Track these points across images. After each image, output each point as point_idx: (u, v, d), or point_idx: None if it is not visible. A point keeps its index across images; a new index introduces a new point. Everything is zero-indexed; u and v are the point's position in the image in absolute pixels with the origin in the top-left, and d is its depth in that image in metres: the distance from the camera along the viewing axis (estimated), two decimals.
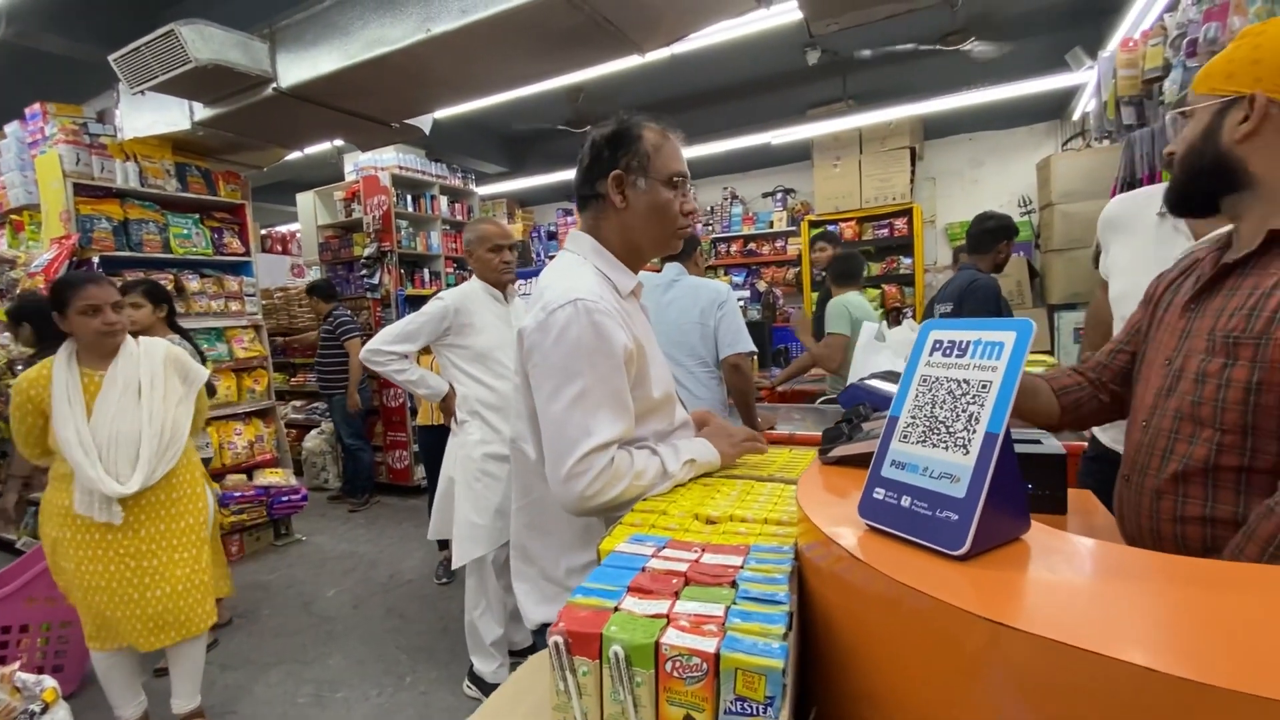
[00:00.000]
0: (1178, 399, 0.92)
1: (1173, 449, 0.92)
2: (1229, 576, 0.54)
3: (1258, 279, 0.86)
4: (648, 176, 1.21)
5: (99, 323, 1.96)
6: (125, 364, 2.03)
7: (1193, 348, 0.92)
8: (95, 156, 3.67)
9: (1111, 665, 0.42)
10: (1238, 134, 0.88)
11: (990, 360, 0.60)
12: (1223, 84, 0.90)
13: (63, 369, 1.94)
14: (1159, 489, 0.94)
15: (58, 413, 1.89)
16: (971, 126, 6.20)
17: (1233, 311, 0.87)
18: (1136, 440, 1.01)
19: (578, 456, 1.06)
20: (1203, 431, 0.88)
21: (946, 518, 0.57)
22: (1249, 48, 0.88)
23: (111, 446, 1.93)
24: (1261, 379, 0.82)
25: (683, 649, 0.55)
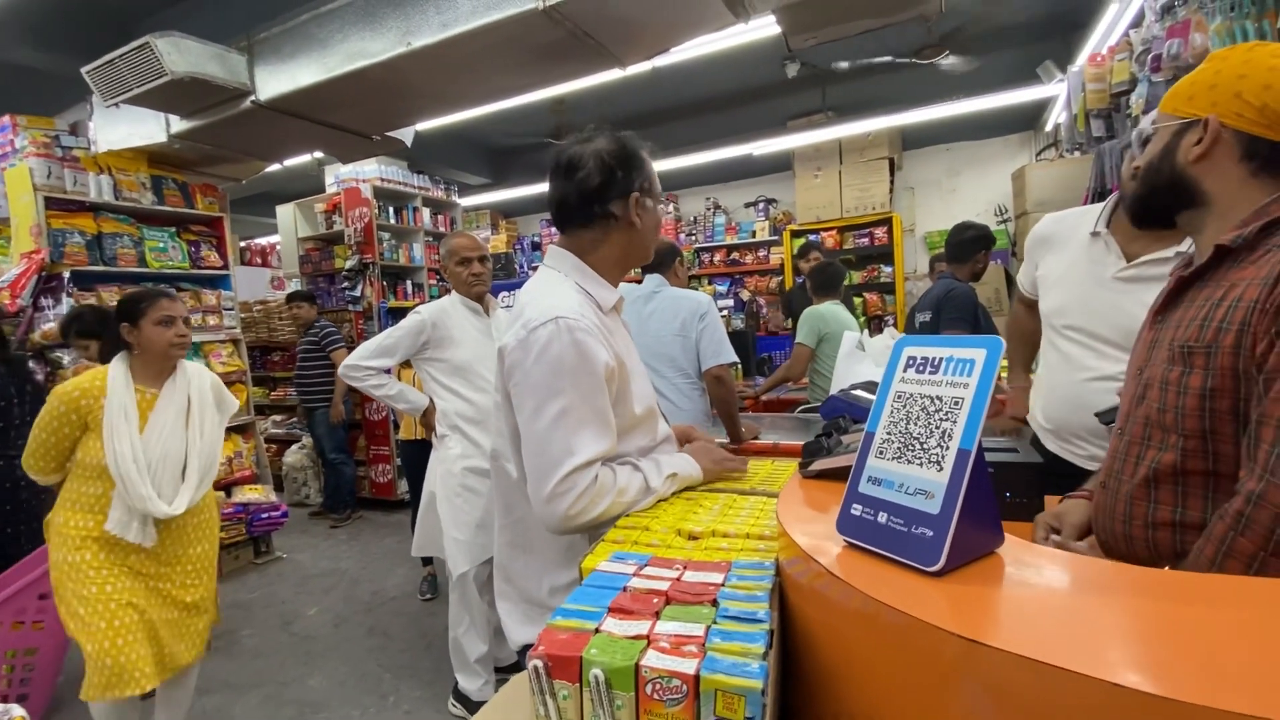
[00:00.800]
0: (1146, 406, 0.95)
1: (1143, 455, 0.95)
2: (1196, 589, 0.55)
3: (1210, 290, 0.90)
4: (653, 197, 1.24)
5: (173, 334, 1.94)
6: (180, 384, 2.00)
7: (1158, 357, 0.95)
8: (68, 169, 3.61)
9: (1082, 682, 0.42)
10: (1191, 155, 0.91)
11: (962, 377, 0.61)
12: (1184, 106, 0.93)
13: (120, 381, 1.88)
14: (1132, 494, 0.96)
15: (113, 426, 1.82)
16: (948, 137, 6.32)
17: (1189, 322, 0.91)
18: (1113, 447, 1.04)
19: (561, 476, 1.05)
20: (1169, 438, 0.91)
21: (922, 534, 0.58)
22: (1210, 72, 0.91)
23: (161, 465, 1.89)
24: (1214, 386, 0.85)
25: (663, 671, 0.55)
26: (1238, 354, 0.83)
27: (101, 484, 1.85)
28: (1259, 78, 0.88)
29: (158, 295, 1.96)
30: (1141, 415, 0.96)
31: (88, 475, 1.87)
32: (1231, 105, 0.89)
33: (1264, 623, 0.50)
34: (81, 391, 1.85)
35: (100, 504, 1.87)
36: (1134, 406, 0.99)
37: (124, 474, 1.81)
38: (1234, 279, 0.86)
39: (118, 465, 1.81)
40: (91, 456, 1.85)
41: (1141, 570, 0.57)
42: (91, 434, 1.85)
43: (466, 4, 2.56)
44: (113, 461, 1.81)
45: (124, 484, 1.81)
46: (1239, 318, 0.83)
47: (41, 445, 1.88)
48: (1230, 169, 0.90)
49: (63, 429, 1.86)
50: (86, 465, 1.86)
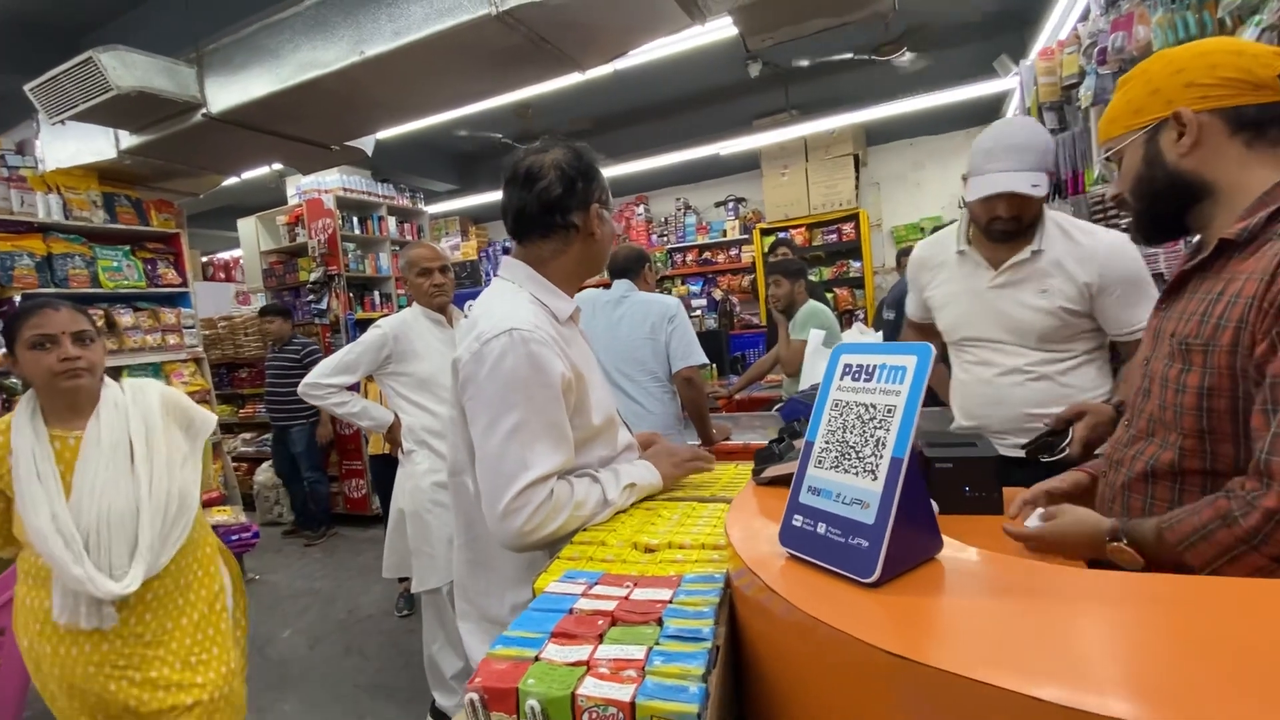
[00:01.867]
0: (1150, 401, 0.94)
1: (1144, 450, 0.94)
2: (1129, 590, 0.55)
3: (1211, 283, 0.88)
4: (608, 208, 1.25)
5: (53, 359, 1.44)
6: (110, 417, 1.52)
7: (1160, 350, 0.94)
8: (14, 190, 3.49)
9: (1006, 697, 0.42)
10: (1181, 149, 0.89)
11: (895, 384, 0.60)
12: (1134, 119, 0.93)
13: (25, 432, 1.43)
14: (1129, 485, 0.96)
15: (25, 494, 1.40)
16: (911, 132, 6.41)
17: (1189, 315, 0.89)
18: (1117, 437, 1.04)
19: (515, 491, 1.03)
20: (1169, 436, 0.89)
21: (858, 545, 0.58)
22: (1141, 84, 0.92)
23: (102, 530, 1.43)
24: (1211, 384, 0.83)
25: (599, 699, 0.54)
26: (1235, 352, 0.80)
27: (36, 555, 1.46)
28: (1199, 64, 0.88)
29: (30, 310, 1.49)
30: (1146, 410, 0.95)
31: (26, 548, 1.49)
32: (1188, 95, 0.88)
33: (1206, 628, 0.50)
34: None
35: (49, 581, 1.46)
36: (1140, 399, 0.98)
37: (50, 554, 1.39)
38: (1234, 271, 0.84)
39: (40, 542, 1.39)
40: (16, 528, 1.46)
41: (1078, 571, 0.57)
42: (8, 502, 1.45)
43: (419, 11, 2.52)
44: (34, 539, 1.40)
45: (54, 566, 1.40)
46: (1237, 314, 0.80)
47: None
48: (1226, 149, 0.88)
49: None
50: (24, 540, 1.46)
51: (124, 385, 1.62)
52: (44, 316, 1.46)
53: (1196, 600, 0.55)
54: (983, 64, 4.77)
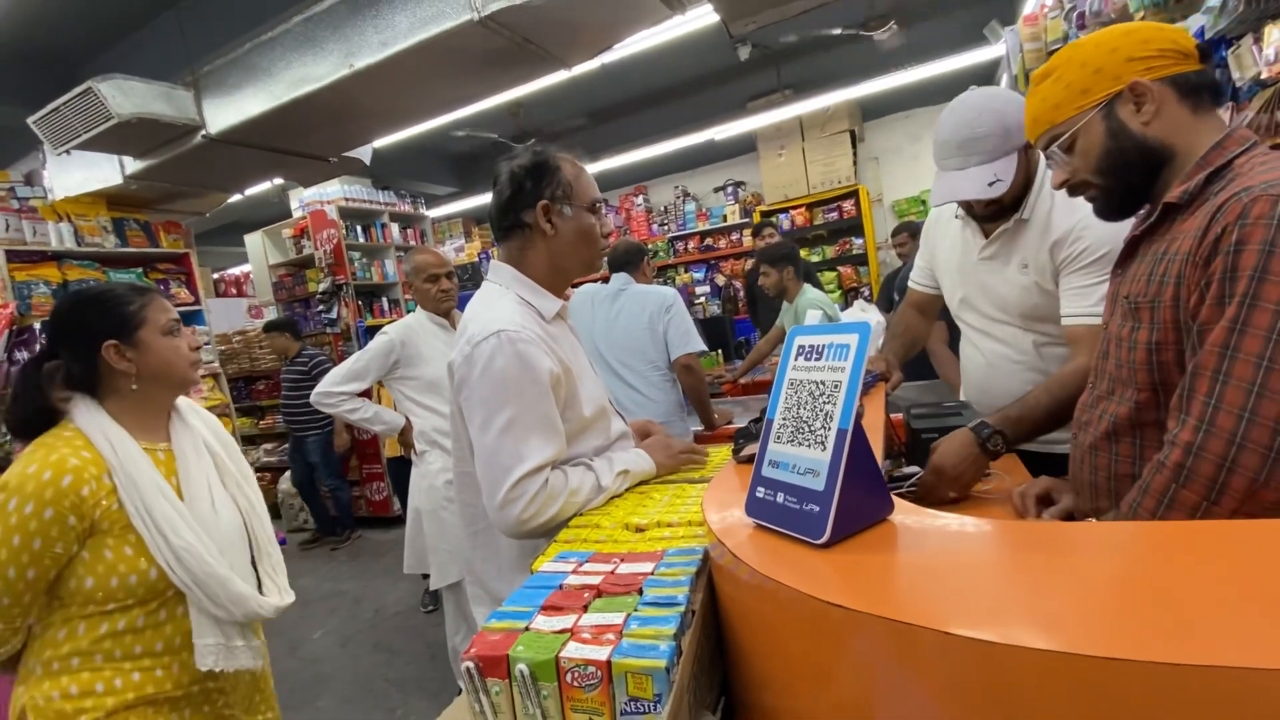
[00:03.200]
0: (1108, 361, 0.99)
1: (1106, 409, 0.98)
2: (1066, 539, 0.60)
3: (1158, 245, 0.92)
4: (572, 204, 1.27)
5: (184, 345, 1.26)
6: (192, 422, 1.33)
7: (1116, 313, 0.98)
8: (26, 220, 3.61)
9: (940, 639, 0.47)
10: (1145, 116, 0.91)
11: (840, 361, 0.65)
12: (1083, 99, 0.94)
13: (126, 444, 1.16)
14: (1094, 444, 1.00)
15: (158, 515, 1.14)
16: (907, 104, 6.36)
17: (1138, 277, 0.93)
18: (1083, 400, 1.07)
19: (511, 482, 1.09)
20: (1125, 391, 0.94)
21: (810, 510, 0.63)
22: (1075, 69, 0.94)
23: (229, 551, 1.23)
24: (1159, 339, 0.87)
25: (579, 660, 0.60)
26: (1176, 306, 0.85)
27: (124, 616, 1.14)
28: (1130, 40, 0.92)
29: (143, 291, 1.25)
30: (1107, 372, 1.00)
31: (93, 614, 1.13)
32: (1133, 68, 0.91)
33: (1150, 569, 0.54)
34: (76, 477, 1.08)
35: (135, 645, 1.15)
36: (1101, 362, 1.02)
37: (209, 574, 1.16)
38: (1176, 232, 0.88)
39: (197, 566, 1.15)
40: (100, 581, 1.11)
41: (1021, 524, 0.62)
42: (98, 546, 1.12)
43: (404, 21, 2.57)
44: (181, 565, 1.14)
45: (209, 588, 1.17)
46: (1175, 271, 0.85)
47: (6, 590, 1.07)
48: (1179, 115, 0.91)
49: (49, 549, 1.07)
50: (86, 599, 1.12)
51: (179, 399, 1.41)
52: (161, 300, 1.26)
53: (1133, 545, 0.60)
54: (974, 31, 4.73)
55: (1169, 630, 0.42)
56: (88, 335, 1.17)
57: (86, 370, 1.18)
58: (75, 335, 1.18)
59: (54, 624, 1.12)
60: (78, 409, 1.17)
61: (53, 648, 1.12)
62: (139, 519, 1.13)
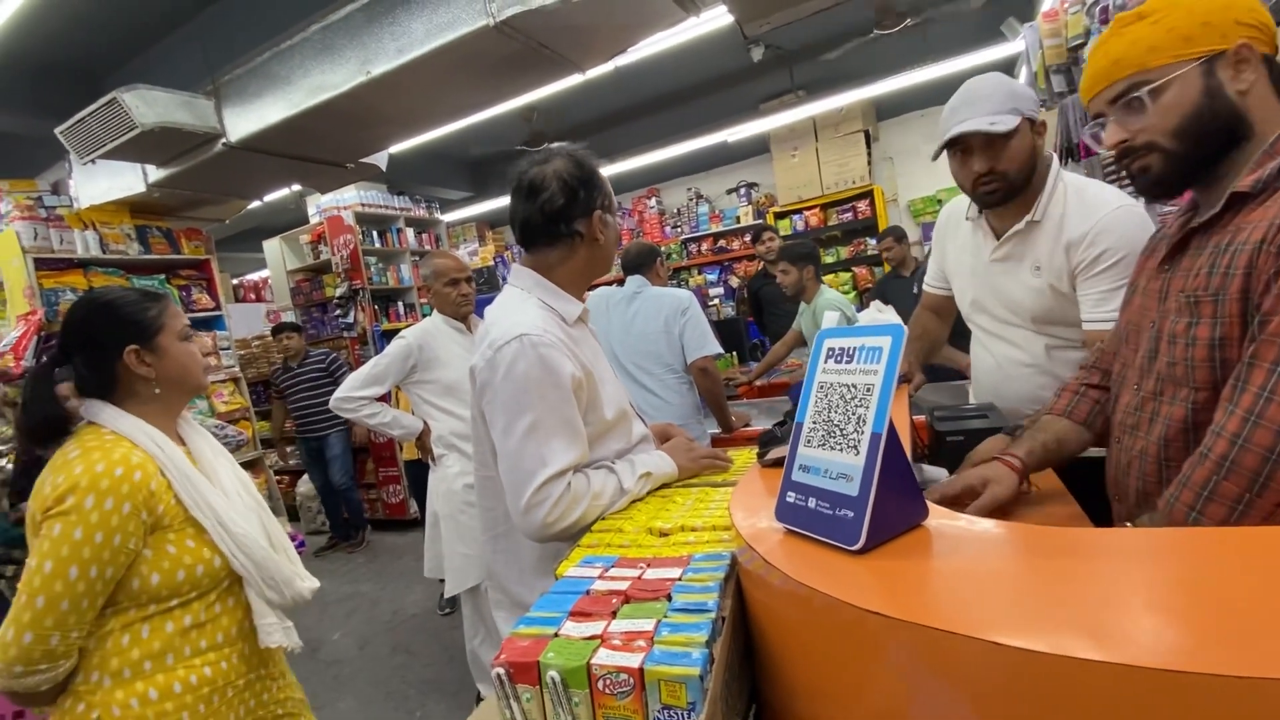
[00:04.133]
0: (1159, 361, 0.93)
1: (1158, 412, 0.93)
2: (1108, 545, 0.59)
3: (1219, 237, 0.87)
4: (611, 212, 1.29)
5: (198, 350, 1.30)
6: (197, 425, 1.36)
7: (1167, 309, 0.93)
8: (53, 229, 3.67)
9: (982, 647, 0.46)
10: (1242, 85, 0.84)
11: (872, 365, 0.64)
12: (1186, 48, 0.85)
13: (168, 447, 1.18)
14: (1145, 450, 0.95)
15: (217, 506, 1.19)
16: (922, 103, 6.30)
17: (1197, 270, 0.88)
18: (1126, 402, 1.02)
19: (535, 486, 1.09)
20: (1180, 391, 0.89)
21: (844, 515, 0.62)
22: (1183, 14, 0.86)
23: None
24: (1223, 335, 0.83)
25: (611, 667, 0.59)
26: (1245, 300, 0.80)
27: (186, 612, 1.16)
28: (1240, 3, 0.85)
29: (157, 298, 1.27)
30: (1156, 370, 0.94)
31: (154, 614, 1.13)
32: (1238, 32, 0.84)
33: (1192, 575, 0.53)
34: (143, 473, 1.11)
35: (200, 639, 1.17)
36: (1147, 362, 0.96)
37: (266, 558, 1.23)
38: (1243, 222, 0.83)
39: (256, 551, 1.22)
40: (167, 575, 1.13)
41: (1060, 531, 0.60)
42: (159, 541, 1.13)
43: (420, 28, 2.59)
44: (244, 551, 1.20)
45: (267, 571, 1.23)
46: (1244, 261, 0.80)
47: (83, 594, 1.05)
48: (1266, 95, 0.85)
49: (125, 545, 1.08)
50: (150, 596, 1.12)
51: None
52: (175, 305, 1.28)
53: (1175, 551, 0.58)
54: (990, 28, 4.68)
55: (1229, 640, 0.40)
56: (107, 341, 1.17)
57: (105, 376, 1.18)
58: (94, 341, 1.18)
59: (114, 631, 1.11)
60: (102, 414, 1.16)
61: (119, 655, 1.11)
62: (199, 511, 1.16)
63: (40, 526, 1.06)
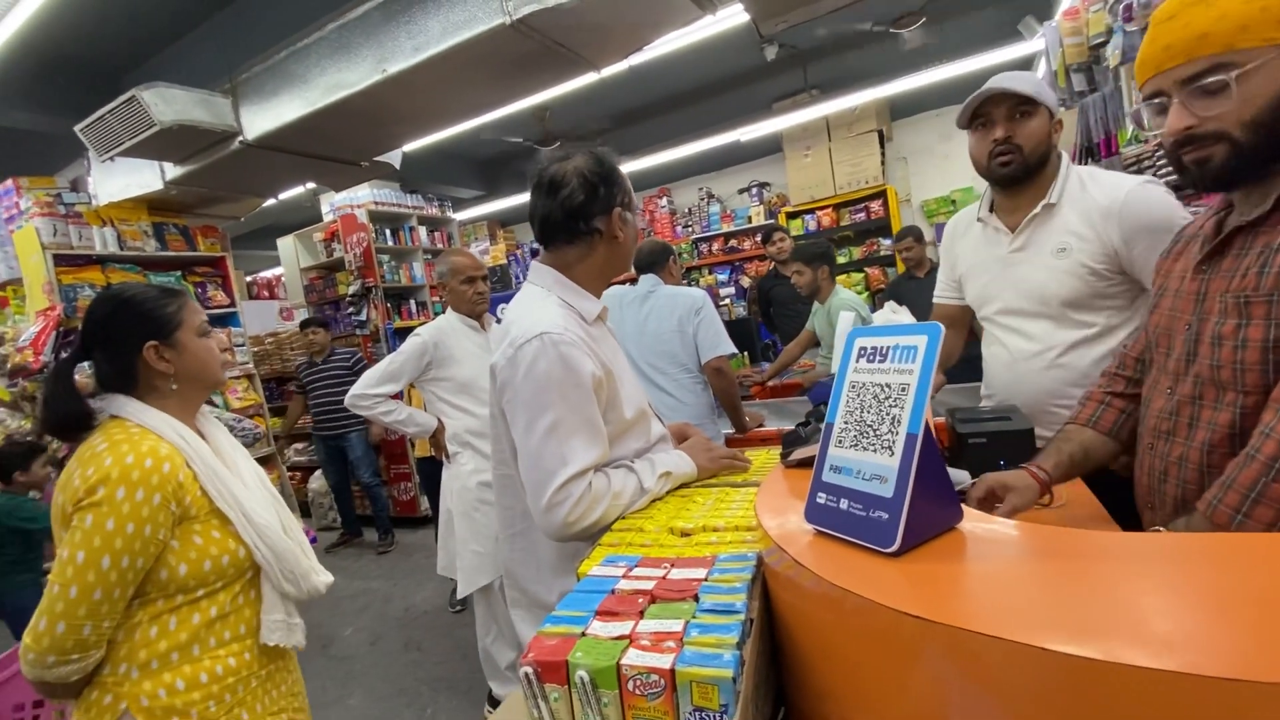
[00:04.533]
0: (1199, 364, 0.90)
1: (1198, 417, 0.90)
2: (1148, 549, 0.57)
3: (1268, 237, 0.84)
4: (631, 210, 1.28)
5: (215, 346, 1.32)
6: (213, 418, 1.36)
7: (1208, 310, 0.90)
8: (72, 225, 3.71)
9: (1019, 649, 0.45)
10: None
11: (907, 364, 0.63)
12: (1276, 31, 0.77)
13: (189, 435, 1.20)
14: (1184, 457, 0.92)
15: (240, 497, 1.20)
16: (937, 103, 6.26)
17: (1244, 271, 0.85)
18: (1159, 407, 0.98)
19: (556, 486, 1.09)
20: (1225, 395, 0.86)
21: (879, 517, 0.61)
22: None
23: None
24: (1278, 336, 0.80)
25: (642, 668, 0.59)
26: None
27: (212, 602, 1.17)
28: None
29: (177, 294, 1.28)
30: (1194, 373, 0.91)
31: (182, 604, 1.15)
32: None
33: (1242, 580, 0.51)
34: (172, 465, 1.13)
35: (224, 630, 1.19)
36: (1183, 364, 0.93)
37: (286, 549, 1.24)
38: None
39: (277, 542, 1.23)
40: (194, 566, 1.14)
41: (1099, 535, 0.59)
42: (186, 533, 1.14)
43: (436, 26, 2.59)
44: (265, 542, 1.21)
45: (286, 562, 1.24)
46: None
47: (115, 584, 1.07)
48: None
49: (155, 536, 1.09)
50: (178, 587, 1.14)
51: None
52: (193, 302, 1.30)
53: (1218, 556, 0.57)
54: (1007, 27, 4.63)
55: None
56: (127, 337, 1.18)
57: (124, 371, 1.19)
58: (114, 337, 1.19)
59: (141, 623, 1.12)
60: (126, 408, 1.18)
61: (146, 647, 1.12)
62: (224, 502, 1.18)
63: (71, 518, 1.07)
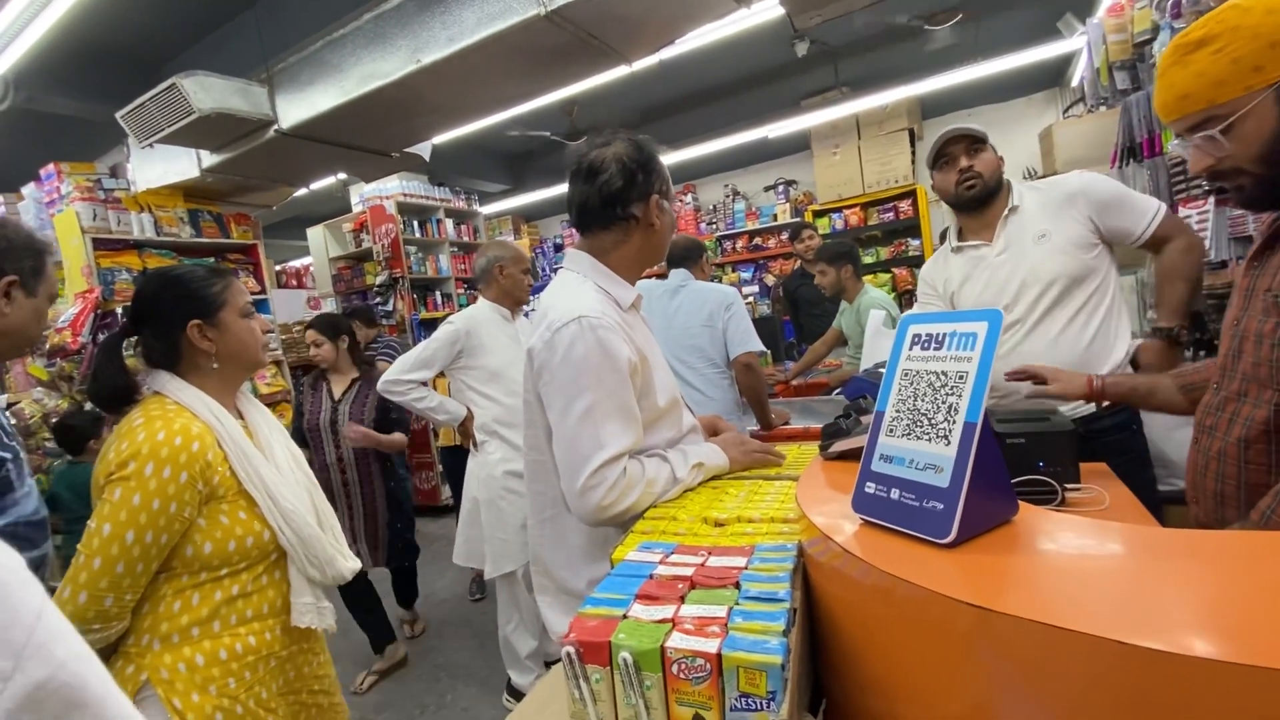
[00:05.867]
0: (1244, 361, 0.91)
1: (1239, 413, 0.91)
2: (1207, 547, 0.55)
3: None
4: (669, 199, 1.29)
5: (258, 328, 1.31)
6: (254, 400, 1.39)
7: (1254, 308, 0.91)
8: (111, 211, 3.80)
9: (1090, 642, 0.43)
10: None
11: (965, 351, 0.62)
12: (1255, 78, 0.85)
13: (227, 420, 1.21)
14: (1224, 452, 0.93)
15: (269, 480, 1.20)
16: (970, 102, 6.15)
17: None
18: (1206, 402, 1.00)
19: (591, 469, 1.09)
20: (1264, 393, 0.87)
21: (933, 507, 0.59)
22: (1246, 40, 0.85)
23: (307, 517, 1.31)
24: None
25: (687, 651, 0.58)
26: None
27: (235, 581, 1.18)
28: None
29: (223, 273, 1.29)
30: (1239, 370, 0.92)
31: (205, 581, 1.16)
32: None
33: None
34: (202, 444, 1.14)
35: (246, 609, 1.19)
36: (1231, 361, 0.95)
37: (312, 535, 1.24)
38: None
39: (302, 527, 1.23)
40: (219, 545, 1.15)
41: (1156, 530, 0.57)
42: (213, 512, 1.15)
43: (471, 17, 2.60)
44: (290, 526, 1.21)
45: (311, 548, 1.24)
46: None
47: (138, 559, 1.08)
48: None
49: (180, 514, 1.11)
50: (202, 564, 1.15)
51: None
52: (239, 283, 1.30)
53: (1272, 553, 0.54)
54: (1046, 25, 4.53)
55: None
56: (173, 314, 1.21)
57: (169, 348, 1.22)
58: (160, 314, 1.22)
59: (165, 596, 1.14)
60: (168, 384, 1.20)
61: (169, 620, 1.13)
62: (251, 484, 1.18)
63: (103, 490, 1.10)
